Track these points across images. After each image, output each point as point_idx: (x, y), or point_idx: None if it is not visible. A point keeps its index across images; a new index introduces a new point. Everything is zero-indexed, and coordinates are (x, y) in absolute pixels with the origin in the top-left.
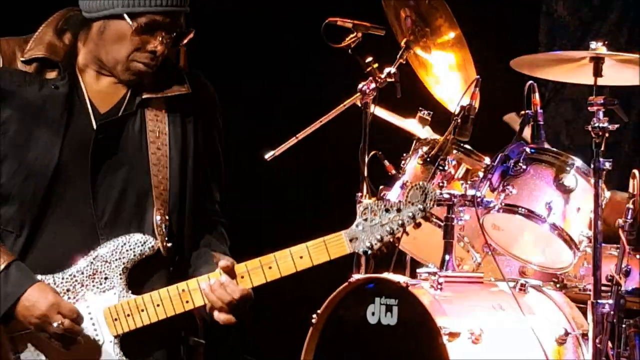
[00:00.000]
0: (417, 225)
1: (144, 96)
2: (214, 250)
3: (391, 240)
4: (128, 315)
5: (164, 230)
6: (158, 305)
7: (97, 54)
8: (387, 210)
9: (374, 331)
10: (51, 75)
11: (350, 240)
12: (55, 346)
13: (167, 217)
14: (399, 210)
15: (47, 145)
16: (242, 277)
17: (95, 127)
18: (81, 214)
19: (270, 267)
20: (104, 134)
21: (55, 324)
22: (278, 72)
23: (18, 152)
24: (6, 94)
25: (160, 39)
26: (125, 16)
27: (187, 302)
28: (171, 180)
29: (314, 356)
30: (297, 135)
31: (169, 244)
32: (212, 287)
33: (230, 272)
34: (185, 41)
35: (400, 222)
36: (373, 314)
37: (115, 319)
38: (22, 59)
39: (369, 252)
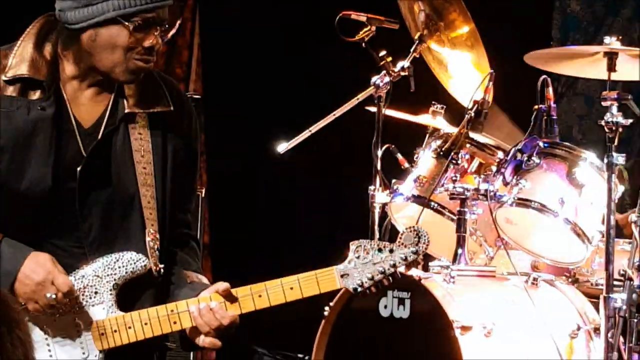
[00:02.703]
0: (408, 268)
1: (126, 111)
2: (187, 269)
3: (382, 279)
4: (115, 331)
5: (156, 251)
6: (145, 324)
7: (89, 64)
8: (380, 250)
9: (386, 324)
10: (35, 95)
11: (342, 276)
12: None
13: (157, 237)
14: (391, 251)
15: (40, 171)
16: (232, 303)
17: (83, 150)
18: (69, 232)
19: (260, 296)
20: (91, 157)
21: (48, 295)
22: (292, 66)
23: (12, 180)
24: None
25: (156, 33)
26: (121, 19)
27: (174, 323)
28: (158, 200)
29: (326, 349)
30: (310, 129)
31: (161, 265)
32: (201, 311)
33: (227, 296)
34: (172, 32)
35: (392, 262)
36: (385, 306)
37: (102, 334)
38: (4, 78)
39: (359, 289)
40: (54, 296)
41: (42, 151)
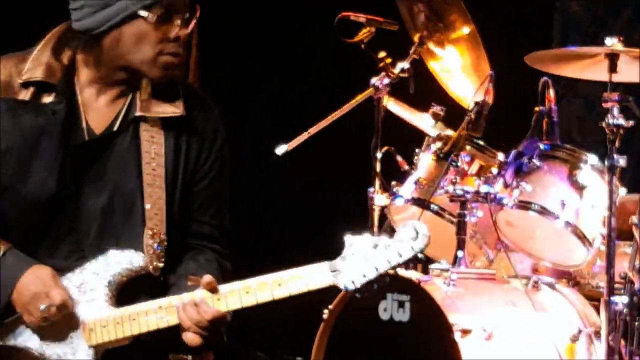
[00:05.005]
0: (405, 265)
1: (137, 114)
2: (192, 274)
3: (376, 277)
4: (104, 326)
5: (155, 250)
6: (134, 320)
7: (112, 67)
8: (374, 246)
9: (386, 327)
10: (48, 98)
11: (333, 272)
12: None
13: (162, 238)
14: (387, 247)
15: (45, 175)
16: (219, 299)
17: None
18: (69, 234)
19: (247, 292)
20: (86, 153)
21: (42, 307)
22: (290, 67)
23: (17, 183)
24: (3, 126)
25: (179, 22)
26: (142, 12)
27: (161, 318)
28: (167, 202)
29: (325, 352)
30: (309, 131)
31: (160, 264)
32: (184, 305)
33: (212, 291)
34: (194, 21)
35: (386, 260)
36: (385, 309)
37: (91, 329)
38: (20, 81)
39: (350, 287)
40: (47, 308)
41: (48, 155)
